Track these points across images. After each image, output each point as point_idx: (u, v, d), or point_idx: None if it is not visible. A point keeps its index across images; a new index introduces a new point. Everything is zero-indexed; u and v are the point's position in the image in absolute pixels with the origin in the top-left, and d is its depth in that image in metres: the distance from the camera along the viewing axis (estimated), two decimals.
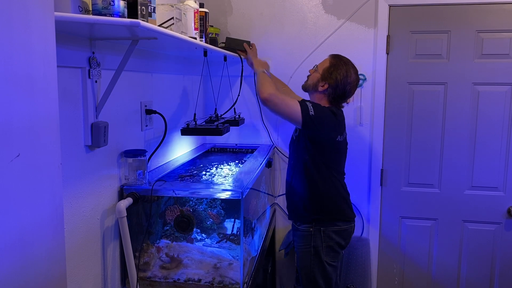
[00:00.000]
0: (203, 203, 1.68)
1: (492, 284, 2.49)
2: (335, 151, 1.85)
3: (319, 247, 1.83)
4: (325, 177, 1.84)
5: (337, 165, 1.89)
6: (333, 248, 1.84)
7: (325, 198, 1.85)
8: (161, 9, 1.47)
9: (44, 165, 0.77)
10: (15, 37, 0.68)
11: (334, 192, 1.87)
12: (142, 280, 1.61)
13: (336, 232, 1.84)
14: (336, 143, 1.83)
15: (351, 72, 1.83)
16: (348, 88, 1.83)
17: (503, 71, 2.31)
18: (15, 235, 0.70)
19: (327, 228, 1.83)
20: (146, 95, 1.79)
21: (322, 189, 1.85)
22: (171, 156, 2.08)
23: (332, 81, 1.82)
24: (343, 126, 1.87)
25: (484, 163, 2.40)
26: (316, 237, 1.84)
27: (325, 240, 1.83)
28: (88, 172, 1.38)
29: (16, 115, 0.69)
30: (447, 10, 2.34)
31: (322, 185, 1.84)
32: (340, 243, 1.86)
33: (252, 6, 2.52)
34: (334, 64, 1.84)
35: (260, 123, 2.59)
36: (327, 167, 1.84)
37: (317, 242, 1.83)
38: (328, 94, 1.84)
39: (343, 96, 1.85)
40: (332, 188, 1.86)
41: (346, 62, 1.85)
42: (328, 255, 1.84)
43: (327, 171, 1.84)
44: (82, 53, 1.30)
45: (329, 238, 1.83)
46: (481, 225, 2.45)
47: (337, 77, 1.81)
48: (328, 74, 1.82)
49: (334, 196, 1.87)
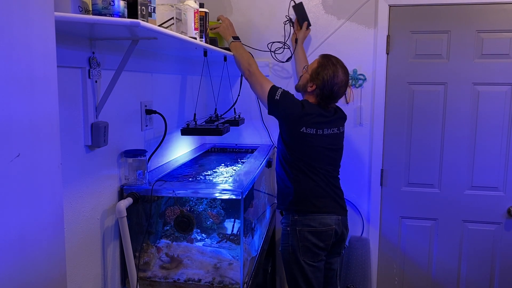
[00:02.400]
0: (203, 203, 1.68)
1: (492, 284, 2.49)
2: (306, 144, 1.80)
3: (295, 246, 1.82)
4: (297, 172, 1.83)
5: (313, 160, 1.82)
6: (309, 249, 1.80)
7: (295, 193, 1.84)
8: (161, 9, 1.47)
9: (44, 165, 0.77)
10: (15, 37, 0.68)
11: (306, 188, 1.83)
12: (142, 280, 1.61)
13: (312, 233, 1.80)
14: (303, 135, 1.79)
15: (339, 73, 1.82)
16: (335, 88, 1.82)
17: (503, 71, 2.31)
18: (15, 235, 0.70)
19: (302, 228, 1.81)
20: (146, 95, 1.79)
21: (293, 183, 1.84)
22: (171, 156, 2.08)
23: (319, 82, 1.83)
24: (319, 122, 1.81)
25: (484, 163, 2.40)
26: (292, 236, 1.83)
27: (301, 240, 1.80)
28: (88, 172, 1.38)
29: (16, 115, 0.69)
30: (447, 10, 2.34)
31: (293, 178, 1.84)
32: (317, 244, 1.80)
33: (252, 6, 2.52)
34: (322, 64, 1.85)
35: (260, 123, 2.59)
36: (299, 161, 1.82)
37: (293, 241, 1.82)
38: (316, 94, 1.85)
39: (330, 96, 1.84)
40: (305, 184, 1.83)
41: (335, 63, 1.84)
42: (305, 255, 1.81)
43: (300, 165, 1.82)
44: (82, 53, 1.30)
45: (305, 238, 1.80)
46: (481, 225, 2.45)
47: (324, 77, 1.82)
48: (316, 74, 1.84)
49: (305, 193, 1.83)
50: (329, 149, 1.86)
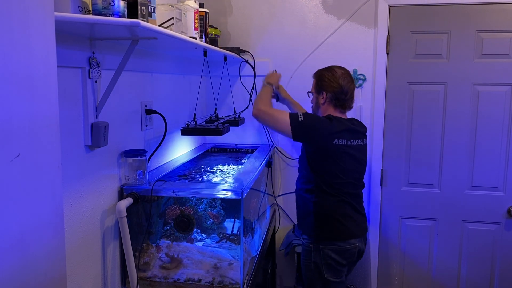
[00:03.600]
0: (203, 203, 1.68)
1: (492, 284, 2.48)
2: (339, 157, 1.77)
3: (318, 264, 1.81)
4: (326, 195, 1.80)
5: (343, 174, 1.80)
6: (332, 266, 1.80)
7: (324, 217, 1.81)
8: (161, 9, 1.47)
9: (44, 165, 0.77)
10: (15, 37, 0.68)
11: (336, 210, 1.80)
12: (142, 280, 1.61)
13: (336, 251, 1.79)
14: (337, 148, 1.76)
15: (335, 70, 1.87)
16: (341, 82, 1.84)
17: (503, 71, 2.31)
18: (15, 235, 0.70)
19: (326, 247, 1.79)
20: (146, 95, 1.79)
21: (324, 208, 1.81)
22: (171, 156, 2.08)
23: (325, 87, 1.86)
24: (347, 131, 1.80)
25: (484, 163, 2.40)
26: (315, 254, 1.81)
27: (324, 258, 1.79)
28: (88, 172, 1.38)
29: (16, 115, 0.69)
30: (447, 10, 2.34)
31: (322, 203, 1.81)
32: (341, 262, 1.80)
33: (252, 6, 2.52)
34: (318, 76, 1.91)
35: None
36: (329, 182, 1.78)
37: (316, 258, 1.81)
38: (330, 100, 1.86)
39: (342, 91, 1.84)
40: (334, 206, 1.80)
41: (326, 68, 1.91)
42: (329, 272, 1.80)
43: (329, 187, 1.79)
44: (82, 53, 1.30)
45: (329, 257, 1.79)
46: (481, 225, 2.45)
47: (326, 80, 1.86)
48: (319, 86, 1.89)
49: (334, 215, 1.80)
50: (357, 161, 1.84)
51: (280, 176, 2.62)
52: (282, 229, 2.64)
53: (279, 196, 2.63)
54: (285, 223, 2.65)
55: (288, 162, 2.61)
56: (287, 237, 2.50)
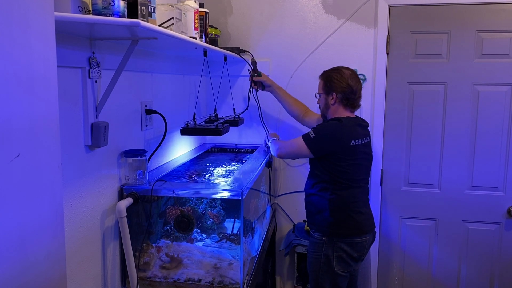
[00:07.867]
0: (203, 203, 1.68)
1: (492, 284, 2.48)
2: (350, 157, 1.81)
3: (329, 256, 1.82)
4: (342, 191, 1.82)
5: (355, 172, 1.83)
6: (343, 259, 1.83)
7: (341, 214, 1.83)
8: (161, 9, 1.47)
9: (44, 165, 0.77)
10: (15, 37, 0.68)
11: (349, 206, 1.83)
12: (142, 280, 1.61)
13: (349, 244, 1.82)
14: (354, 148, 1.80)
15: (342, 71, 1.88)
16: (350, 82, 1.86)
17: (503, 71, 2.31)
18: (15, 235, 0.70)
19: (340, 239, 1.82)
20: (146, 95, 1.79)
21: (340, 204, 1.83)
22: (171, 156, 2.08)
23: (335, 87, 1.87)
24: (359, 131, 1.85)
25: (484, 163, 2.40)
26: (327, 246, 1.83)
27: (336, 251, 1.82)
28: (88, 172, 1.38)
29: (16, 115, 0.69)
30: (447, 10, 2.34)
31: (337, 200, 1.83)
32: (351, 255, 1.83)
33: (252, 6, 2.52)
34: (326, 77, 1.92)
35: (260, 123, 2.58)
36: (343, 179, 1.81)
37: (328, 251, 1.83)
38: (340, 100, 1.87)
39: (352, 90, 1.86)
40: (349, 203, 1.84)
41: (334, 69, 1.92)
42: (338, 265, 1.83)
43: (344, 184, 1.82)
44: (82, 53, 1.30)
45: (341, 249, 1.82)
46: (481, 225, 2.45)
47: (335, 80, 1.87)
48: (329, 87, 1.89)
49: (348, 211, 1.83)
50: (367, 156, 1.90)
51: (280, 176, 2.62)
52: (282, 229, 2.64)
53: (279, 196, 2.63)
54: (285, 223, 2.65)
55: (288, 162, 2.60)
56: (287, 237, 2.49)
